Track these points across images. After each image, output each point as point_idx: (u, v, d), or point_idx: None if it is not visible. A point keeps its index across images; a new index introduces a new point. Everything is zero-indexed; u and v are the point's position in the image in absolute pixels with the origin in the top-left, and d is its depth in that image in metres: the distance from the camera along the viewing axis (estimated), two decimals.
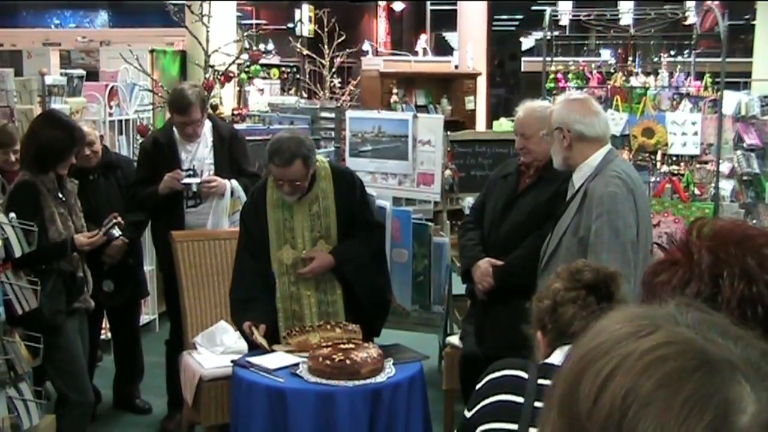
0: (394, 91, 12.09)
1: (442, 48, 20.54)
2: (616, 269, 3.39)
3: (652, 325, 0.80)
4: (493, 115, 15.77)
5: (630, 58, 7.69)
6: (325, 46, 11.64)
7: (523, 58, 21.49)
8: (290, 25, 16.98)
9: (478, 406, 2.23)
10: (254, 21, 17.85)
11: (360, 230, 4.41)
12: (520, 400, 2.20)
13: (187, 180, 5.09)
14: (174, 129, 5.20)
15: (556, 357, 2.24)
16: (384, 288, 4.61)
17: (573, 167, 3.77)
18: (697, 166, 5.89)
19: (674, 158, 5.91)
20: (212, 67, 7.65)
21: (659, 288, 1.25)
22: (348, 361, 3.78)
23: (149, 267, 6.62)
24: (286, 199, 4.32)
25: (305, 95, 13.18)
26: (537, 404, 2.12)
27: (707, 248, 1.25)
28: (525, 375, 2.23)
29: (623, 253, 3.51)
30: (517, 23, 24.22)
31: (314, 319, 4.32)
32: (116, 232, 4.62)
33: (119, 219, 4.63)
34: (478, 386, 2.31)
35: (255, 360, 4.02)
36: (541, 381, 2.16)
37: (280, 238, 4.35)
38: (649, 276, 1.29)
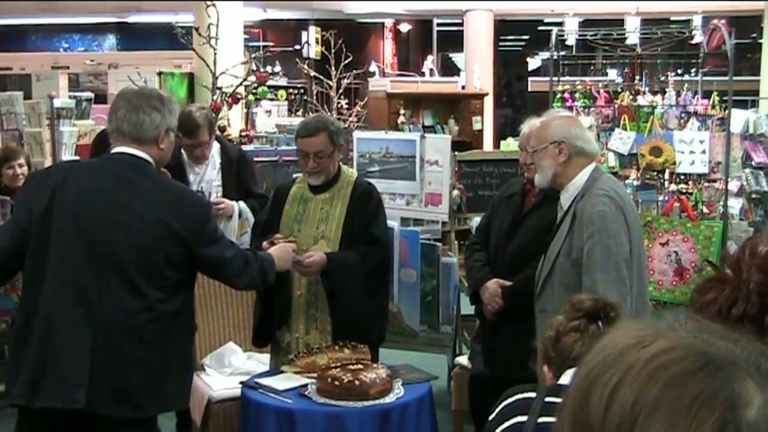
0: (402, 111, 12.11)
1: (449, 68, 20.60)
2: (611, 288, 3.39)
3: (653, 335, 0.82)
4: (500, 135, 15.82)
5: (637, 77, 7.70)
6: (332, 68, 11.69)
7: (529, 78, 21.54)
8: (297, 46, 17.07)
9: None
10: (261, 43, 17.98)
11: (362, 243, 4.30)
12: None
13: None
14: (182, 151, 5.22)
15: (564, 379, 2.24)
16: (369, 314, 4.36)
17: (559, 186, 3.72)
18: (706, 184, 5.88)
19: (682, 177, 5.90)
20: (220, 88, 7.69)
21: (706, 307, 1.23)
22: (357, 382, 3.77)
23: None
24: (310, 181, 4.36)
25: None
26: (540, 420, 2.11)
27: (757, 267, 1.23)
28: (534, 395, 2.23)
29: (617, 272, 3.49)
30: (523, 43, 24.27)
31: (300, 323, 4.31)
32: None
33: None
34: (491, 416, 2.30)
35: (264, 381, 4.01)
36: (548, 399, 2.15)
37: (287, 229, 4.36)
38: (696, 293, 1.27)
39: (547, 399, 2.15)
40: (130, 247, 3.11)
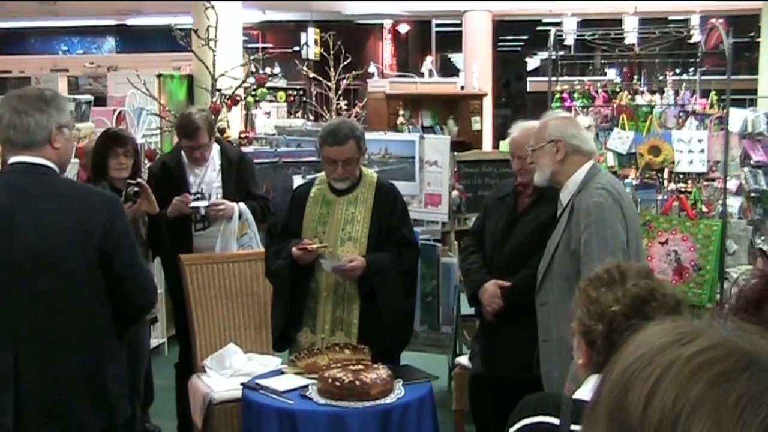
0: (401, 112, 12.12)
1: (448, 69, 20.59)
2: None
3: (693, 332, 0.81)
4: (499, 136, 15.78)
5: (635, 77, 7.71)
6: (331, 69, 11.68)
7: (528, 78, 21.54)
8: (296, 48, 17.08)
9: None
10: (260, 45, 17.97)
11: (395, 245, 4.34)
12: None
13: (195, 203, 5.10)
14: (182, 153, 5.23)
15: (578, 394, 2.13)
16: (408, 313, 4.51)
17: (558, 183, 3.81)
18: (705, 183, 5.88)
19: (681, 176, 5.90)
20: (219, 90, 7.69)
21: (743, 294, 1.24)
22: (358, 383, 3.78)
23: (158, 290, 6.61)
24: (336, 186, 4.36)
25: (312, 118, 13.22)
26: None
27: None
28: (557, 422, 2.05)
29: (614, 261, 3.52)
30: (522, 44, 24.26)
31: (326, 324, 4.33)
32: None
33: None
34: (511, 429, 2.15)
35: (264, 382, 4.02)
36: (573, 427, 2.01)
37: (311, 231, 4.36)
38: (743, 281, 1.28)
39: (573, 427, 2.01)
40: (35, 258, 2.95)
